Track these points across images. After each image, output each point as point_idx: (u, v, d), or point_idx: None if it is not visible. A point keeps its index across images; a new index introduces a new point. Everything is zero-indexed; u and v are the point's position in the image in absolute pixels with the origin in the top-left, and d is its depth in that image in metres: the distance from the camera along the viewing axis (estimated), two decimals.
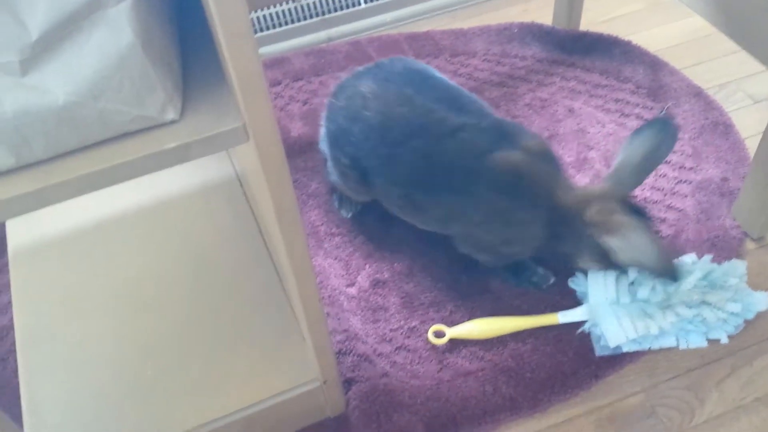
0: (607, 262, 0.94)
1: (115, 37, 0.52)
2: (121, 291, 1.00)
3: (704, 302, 0.96)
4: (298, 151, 1.29)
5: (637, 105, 1.30)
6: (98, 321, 0.97)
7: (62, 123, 0.54)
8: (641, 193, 1.15)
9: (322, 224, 1.16)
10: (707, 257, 1.01)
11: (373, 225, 1.15)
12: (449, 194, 0.96)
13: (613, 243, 0.91)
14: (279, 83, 1.43)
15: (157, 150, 0.56)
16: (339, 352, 0.99)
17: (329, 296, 1.06)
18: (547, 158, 0.97)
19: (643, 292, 0.97)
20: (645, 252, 0.89)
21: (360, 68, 1.08)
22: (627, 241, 0.90)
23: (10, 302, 1.03)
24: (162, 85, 0.56)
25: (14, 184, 0.54)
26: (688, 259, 1.02)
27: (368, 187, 1.04)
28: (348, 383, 0.95)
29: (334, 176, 1.11)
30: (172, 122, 0.58)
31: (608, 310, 0.97)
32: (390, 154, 0.97)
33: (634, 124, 1.27)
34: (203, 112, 0.60)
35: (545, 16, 1.48)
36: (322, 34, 1.54)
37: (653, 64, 1.37)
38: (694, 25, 1.45)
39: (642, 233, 0.89)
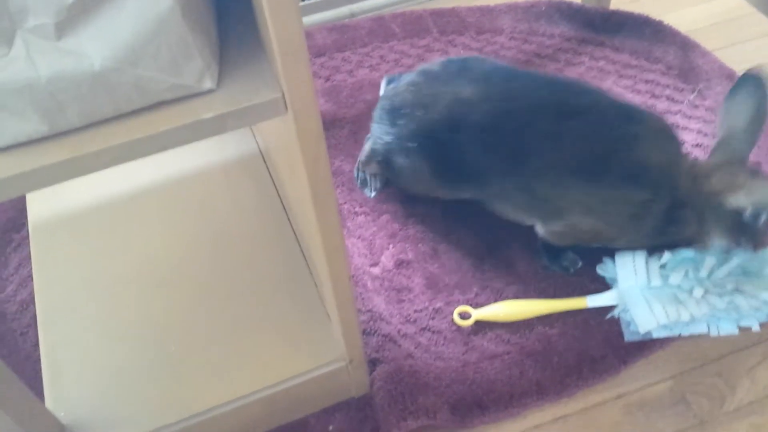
0: (739, 228, 0.90)
1: (153, 0, 0.50)
2: (142, 267, 0.98)
3: (737, 290, 0.94)
4: None
5: (668, 86, 1.27)
6: (119, 296, 0.95)
7: (97, 89, 0.52)
8: None
9: (345, 203, 1.15)
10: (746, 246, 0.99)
11: (397, 205, 1.13)
12: (579, 182, 0.91)
13: (742, 199, 0.87)
14: None
15: (194, 120, 0.54)
16: (363, 332, 0.97)
17: (353, 276, 1.04)
18: (670, 138, 0.93)
19: (675, 277, 0.95)
20: None
21: (432, 69, 1.02)
22: (757, 190, 0.87)
23: (30, 275, 1.02)
24: (200, 52, 0.54)
25: (47, 152, 0.52)
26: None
27: (462, 186, 1.01)
28: (372, 363, 0.94)
29: (398, 177, 1.08)
30: (209, 92, 0.56)
31: (638, 294, 0.95)
32: (511, 148, 0.93)
33: (664, 105, 1.24)
34: (240, 81, 0.57)
35: None
36: (345, 10, 1.51)
37: (684, 45, 1.34)
38: (726, 5, 1.41)
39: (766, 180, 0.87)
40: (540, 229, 1.00)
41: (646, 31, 1.37)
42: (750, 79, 0.95)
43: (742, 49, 1.33)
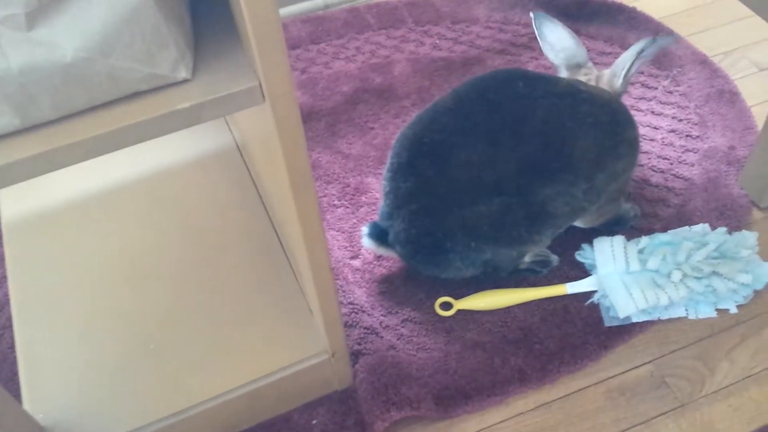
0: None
1: None
2: (119, 263, 0.97)
3: (715, 273, 0.95)
4: None
5: (642, 73, 1.28)
6: (97, 294, 0.94)
7: (70, 81, 0.51)
8: (648, 161, 1.14)
9: (324, 195, 1.14)
10: (722, 229, 1.00)
11: (376, 196, 1.13)
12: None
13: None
14: None
15: (169, 110, 0.54)
16: (345, 325, 0.97)
17: (333, 268, 1.04)
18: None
19: (653, 261, 0.96)
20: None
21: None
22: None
23: (5, 276, 1.00)
24: (174, 41, 0.53)
25: (20, 146, 0.51)
26: (700, 228, 1.01)
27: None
28: (355, 356, 0.94)
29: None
30: (184, 81, 0.55)
31: (617, 280, 0.96)
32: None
33: (639, 92, 1.25)
34: (216, 71, 0.57)
35: None
36: (319, 1, 1.50)
37: (658, 30, 1.35)
38: None
39: None
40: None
41: (620, 17, 1.38)
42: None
43: (714, 34, 1.34)
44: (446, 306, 0.99)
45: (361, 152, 1.20)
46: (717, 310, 0.97)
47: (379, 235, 0.95)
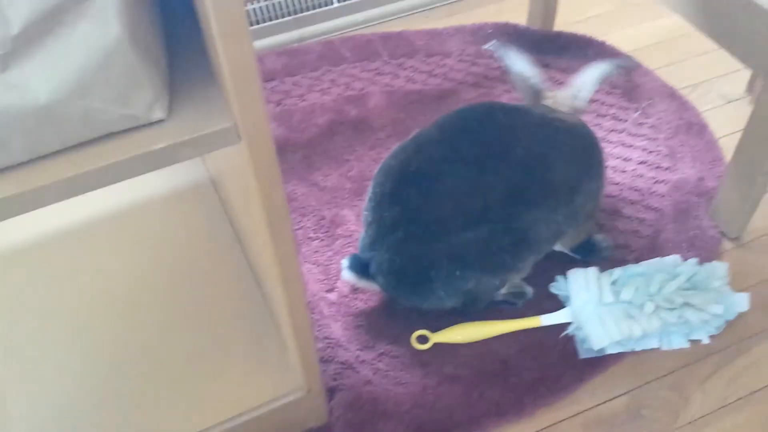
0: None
1: (101, 30, 0.49)
2: (92, 300, 0.95)
3: (687, 304, 0.96)
4: None
5: (613, 105, 1.31)
6: (69, 331, 0.92)
7: (43, 123, 0.50)
8: (620, 193, 1.15)
9: (300, 228, 1.14)
10: (693, 260, 1.02)
11: (352, 228, 1.13)
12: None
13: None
14: None
15: (144, 151, 0.53)
16: (321, 360, 0.96)
17: (309, 302, 1.03)
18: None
19: (626, 293, 0.97)
20: None
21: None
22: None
23: None
24: (150, 82, 0.52)
25: None
26: (672, 260, 1.02)
27: None
28: (331, 392, 0.93)
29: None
30: (160, 122, 0.55)
31: (591, 312, 0.97)
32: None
33: (609, 124, 1.27)
34: (192, 111, 0.56)
35: (519, 17, 1.47)
36: (294, 34, 1.51)
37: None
38: (667, 25, 1.46)
39: None
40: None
41: (590, 51, 1.40)
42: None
43: (682, 68, 1.37)
44: (423, 339, 0.98)
45: (336, 184, 1.20)
46: (690, 340, 0.98)
47: (360, 267, 0.95)
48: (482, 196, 0.90)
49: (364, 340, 0.99)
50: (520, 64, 1.06)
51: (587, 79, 1.03)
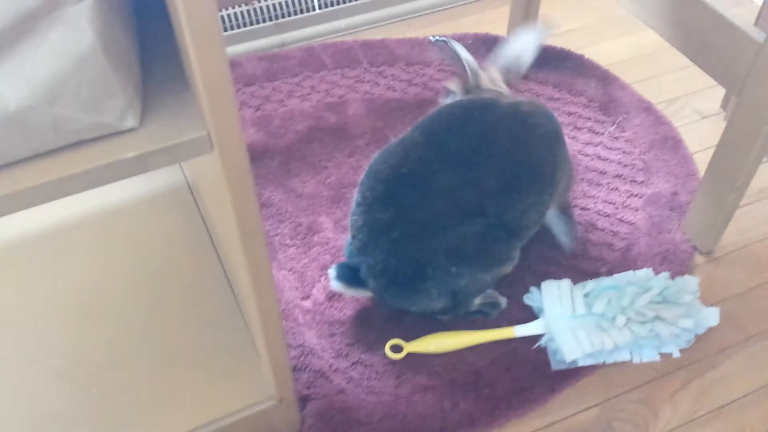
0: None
1: (74, 37, 0.49)
2: (64, 305, 0.94)
3: (658, 317, 0.97)
4: (250, 158, 1.25)
5: (589, 119, 1.32)
6: (40, 336, 0.91)
7: (13, 129, 0.50)
8: (594, 205, 1.16)
9: (276, 235, 1.13)
10: (665, 274, 1.03)
11: (329, 236, 1.13)
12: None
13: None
14: None
15: (115, 160, 0.53)
16: (294, 368, 0.96)
17: (284, 310, 1.03)
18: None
19: (598, 306, 0.98)
20: None
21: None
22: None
23: None
24: (122, 89, 0.52)
25: None
26: (644, 274, 1.03)
27: None
28: (303, 401, 0.92)
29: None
30: (131, 130, 0.55)
31: (564, 324, 0.97)
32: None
33: (586, 137, 1.28)
34: (164, 119, 0.56)
35: (500, 28, 1.48)
36: (275, 39, 1.51)
37: (604, 78, 1.39)
38: (644, 40, 1.48)
39: None
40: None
41: (568, 64, 1.42)
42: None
43: (659, 82, 1.39)
44: (397, 348, 0.98)
45: (314, 191, 1.20)
46: (660, 354, 0.99)
47: (349, 275, 0.95)
48: (475, 191, 0.91)
49: (338, 349, 0.99)
50: (458, 48, 1.09)
51: (516, 53, 1.10)
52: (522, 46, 1.11)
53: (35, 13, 0.47)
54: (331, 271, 0.97)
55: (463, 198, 0.91)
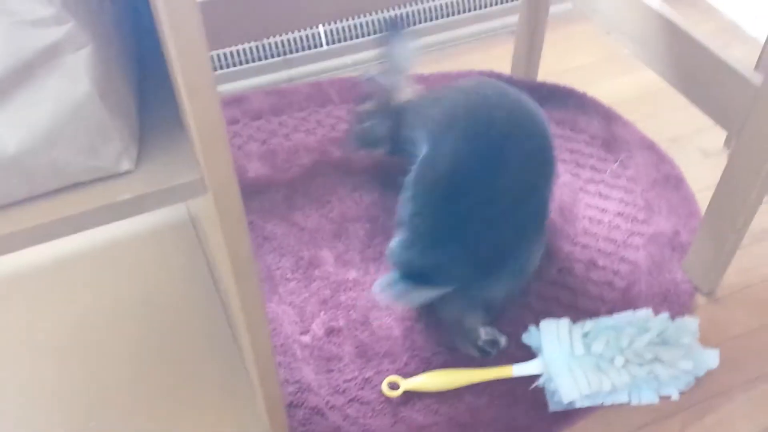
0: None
1: (71, 85, 0.50)
2: (63, 337, 0.95)
3: (657, 359, 0.97)
4: (254, 192, 1.27)
5: (591, 156, 1.32)
6: (39, 367, 0.92)
7: (11, 172, 0.51)
8: (596, 243, 1.17)
9: (278, 268, 1.14)
10: (665, 315, 1.02)
11: (329, 270, 1.13)
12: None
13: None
14: (237, 122, 1.41)
15: (110, 202, 0.54)
16: (290, 405, 0.96)
17: (282, 345, 1.04)
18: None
19: (597, 346, 0.98)
20: None
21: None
22: None
23: None
24: (119, 134, 0.54)
25: None
26: (644, 314, 1.03)
27: None
28: None
29: None
30: (127, 172, 0.56)
31: (562, 364, 0.97)
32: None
33: (588, 175, 1.29)
34: (159, 161, 0.58)
35: (504, 65, 1.50)
36: (283, 74, 1.53)
37: (607, 115, 1.40)
38: (647, 78, 1.48)
39: None
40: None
41: (571, 102, 1.43)
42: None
43: (662, 120, 1.40)
44: (394, 386, 0.98)
45: (317, 225, 1.21)
46: (659, 396, 0.98)
47: (413, 277, 0.97)
48: (528, 176, 0.99)
49: (335, 385, 0.99)
50: (379, 79, 1.20)
51: (393, 60, 1.20)
52: (395, 54, 1.20)
53: (34, 62, 0.49)
54: (385, 281, 0.98)
55: (522, 182, 0.99)
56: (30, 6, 0.47)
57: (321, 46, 1.54)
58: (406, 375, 0.99)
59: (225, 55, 1.49)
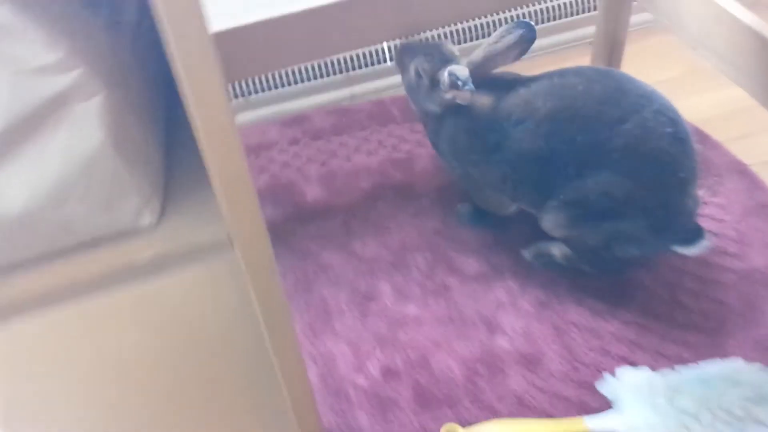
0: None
1: (82, 137, 0.46)
2: (104, 369, 0.92)
3: (749, 417, 0.86)
4: (312, 216, 1.22)
5: None
6: (81, 395, 0.89)
7: (19, 231, 0.47)
8: (680, 280, 1.06)
9: (333, 300, 1.09)
10: (758, 365, 0.91)
11: (385, 303, 1.07)
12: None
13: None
14: (297, 142, 1.37)
15: (125, 263, 0.49)
16: None
17: (335, 387, 0.98)
18: None
19: (681, 400, 0.88)
20: None
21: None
22: None
23: None
24: (137, 188, 0.49)
25: None
26: (735, 364, 0.92)
27: None
28: None
29: None
30: (149, 226, 0.51)
31: (641, 418, 0.88)
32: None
33: None
34: (183, 214, 0.53)
35: None
36: (346, 92, 1.48)
37: (693, 135, 1.29)
38: (737, 95, 1.35)
39: None
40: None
41: None
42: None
43: (755, 141, 1.27)
44: None
45: (375, 254, 1.15)
46: None
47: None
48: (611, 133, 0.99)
49: None
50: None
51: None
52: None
53: (42, 112, 0.44)
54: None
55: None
56: (32, 52, 0.43)
57: (384, 62, 1.48)
58: (466, 423, 0.92)
59: (287, 73, 1.46)
